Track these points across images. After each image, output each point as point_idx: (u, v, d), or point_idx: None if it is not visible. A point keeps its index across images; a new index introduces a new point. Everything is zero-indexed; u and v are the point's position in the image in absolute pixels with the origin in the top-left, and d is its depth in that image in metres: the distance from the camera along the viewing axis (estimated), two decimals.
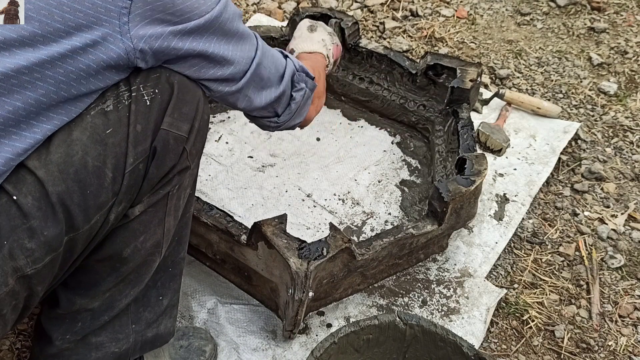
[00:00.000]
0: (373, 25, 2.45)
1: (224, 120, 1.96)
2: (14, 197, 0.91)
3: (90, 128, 0.98)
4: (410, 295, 1.57)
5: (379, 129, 1.97)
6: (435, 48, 2.35)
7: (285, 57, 1.30)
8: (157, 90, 1.03)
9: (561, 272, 1.68)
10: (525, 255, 1.70)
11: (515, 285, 1.63)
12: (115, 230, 1.06)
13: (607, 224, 1.79)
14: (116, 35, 0.96)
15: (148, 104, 1.02)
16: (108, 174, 0.98)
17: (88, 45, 0.94)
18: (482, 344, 1.49)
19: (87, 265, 1.10)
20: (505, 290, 1.59)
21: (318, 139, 1.93)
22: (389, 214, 1.73)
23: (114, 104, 1.00)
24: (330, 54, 1.57)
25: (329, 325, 1.49)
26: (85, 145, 0.97)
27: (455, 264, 1.64)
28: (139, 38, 0.98)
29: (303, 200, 1.74)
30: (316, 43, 1.56)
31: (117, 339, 1.18)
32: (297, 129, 1.44)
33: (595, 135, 2.06)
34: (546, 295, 1.61)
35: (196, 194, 1.47)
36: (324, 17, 1.95)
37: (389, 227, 1.69)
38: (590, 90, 2.22)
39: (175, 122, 1.04)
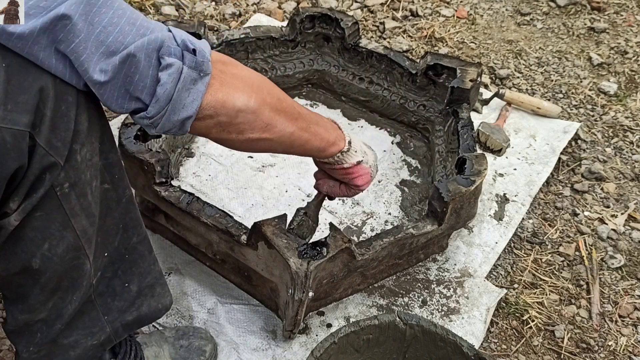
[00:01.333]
0: (373, 25, 2.45)
1: None
2: None
3: None
4: (410, 295, 1.57)
5: (379, 129, 1.97)
6: (435, 48, 2.35)
7: (169, 30, 0.93)
8: None
9: (561, 272, 1.68)
10: (525, 255, 1.70)
11: (515, 285, 1.63)
12: (9, 242, 0.96)
13: (607, 224, 1.79)
14: None
15: None
16: None
17: None
18: (482, 344, 1.49)
19: (8, 280, 1.03)
20: (505, 290, 1.59)
21: None
22: (389, 214, 1.73)
23: None
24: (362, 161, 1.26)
25: (329, 325, 1.49)
26: None
27: (455, 264, 1.64)
28: None
29: (303, 200, 1.74)
30: (367, 150, 1.30)
31: (92, 332, 1.13)
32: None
33: (595, 135, 2.06)
34: (546, 295, 1.61)
35: (196, 194, 1.48)
36: (324, 17, 1.95)
37: (389, 227, 1.69)
38: (590, 90, 2.22)
39: (8, 115, 0.84)
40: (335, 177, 1.31)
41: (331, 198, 1.43)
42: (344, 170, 1.25)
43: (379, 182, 1.81)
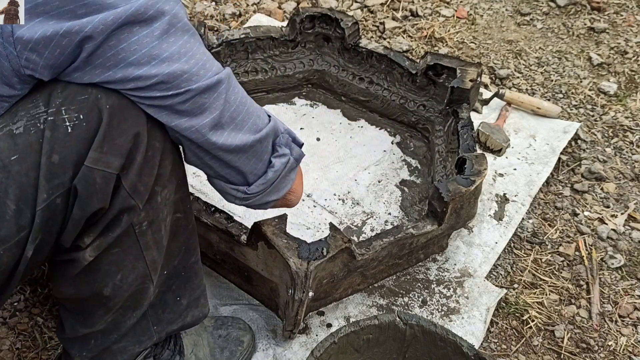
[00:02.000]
0: (373, 25, 2.45)
1: None
2: None
3: None
4: (410, 295, 1.57)
5: (379, 129, 1.97)
6: (435, 48, 2.35)
7: (269, 116, 1.06)
8: (81, 116, 0.86)
9: (561, 272, 1.68)
10: (525, 255, 1.70)
11: (515, 285, 1.63)
12: (83, 273, 0.99)
13: (607, 224, 1.79)
14: None
15: (69, 131, 0.86)
16: (10, 206, 0.85)
17: None
18: (482, 344, 1.49)
19: (75, 301, 1.07)
20: (505, 290, 1.59)
21: (318, 139, 1.93)
22: (389, 214, 1.73)
23: (26, 126, 0.86)
24: None
25: (329, 325, 1.49)
26: None
27: (455, 264, 1.64)
28: (24, 45, 0.81)
29: (303, 200, 1.74)
30: None
31: (140, 340, 1.17)
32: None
33: (595, 135, 2.06)
34: (546, 295, 1.61)
35: (196, 194, 1.48)
36: (324, 17, 1.95)
37: (389, 227, 1.69)
38: (590, 90, 2.22)
39: (104, 157, 0.87)
40: None
41: None
42: None
43: (379, 182, 1.81)
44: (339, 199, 1.76)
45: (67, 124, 0.86)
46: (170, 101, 0.90)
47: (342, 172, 1.83)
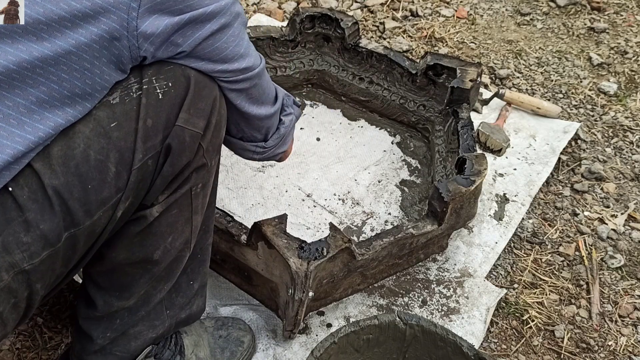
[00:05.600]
0: (373, 25, 2.45)
1: None
2: (10, 189, 0.88)
3: (93, 121, 0.94)
4: (410, 295, 1.57)
5: (379, 129, 1.97)
6: (435, 48, 2.35)
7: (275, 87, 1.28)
8: (170, 84, 0.99)
9: (561, 272, 1.68)
10: (525, 255, 1.70)
11: (515, 285, 1.63)
12: (142, 234, 1.05)
13: (607, 224, 1.79)
14: (122, 31, 0.92)
15: (160, 97, 0.98)
16: (111, 169, 0.94)
17: (94, 41, 0.90)
18: (482, 343, 1.49)
19: (119, 269, 1.10)
20: (505, 290, 1.59)
21: (318, 139, 1.93)
22: (389, 214, 1.73)
23: (121, 96, 0.96)
24: None
25: (329, 325, 1.49)
26: (88, 138, 0.93)
27: (455, 264, 1.64)
28: (145, 38, 0.94)
29: (303, 200, 1.74)
30: None
31: (154, 325, 1.21)
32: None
33: (595, 135, 2.06)
34: (546, 295, 1.61)
35: None
36: (324, 17, 1.95)
37: (389, 227, 1.69)
38: (590, 90, 2.22)
39: (191, 118, 1.01)
40: None
41: None
42: None
43: (379, 182, 1.81)
44: (339, 199, 1.76)
45: (158, 91, 0.98)
46: (241, 85, 1.10)
47: (342, 172, 1.83)
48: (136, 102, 0.96)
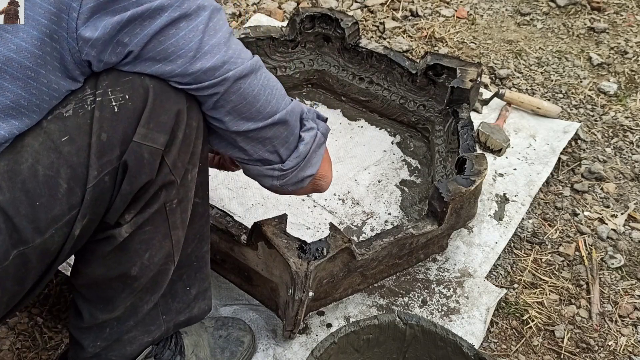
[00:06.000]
0: (373, 25, 2.45)
1: None
2: None
3: (44, 134, 0.88)
4: (410, 295, 1.57)
5: (379, 129, 1.97)
6: (435, 48, 2.35)
7: (291, 99, 1.13)
8: (127, 96, 0.91)
9: (561, 272, 1.68)
10: (525, 255, 1.70)
11: (515, 285, 1.63)
12: (114, 251, 1.02)
13: (607, 224, 1.79)
14: (62, 33, 0.85)
15: (116, 110, 0.90)
16: (62, 185, 0.89)
17: (35, 46, 0.84)
18: (482, 343, 1.49)
19: (100, 283, 1.08)
20: (505, 290, 1.59)
21: None
22: (389, 214, 1.73)
23: (75, 108, 0.90)
24: None
25: (329, 325, 1.49)
26: (37, 152, 0.87)
27: (455, 264, 1.64)
28: (85, 41, 0.86)
29: (303, 200, 1.74)
30: None
31: (149, 330, 1.19)
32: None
33: (595, 135, 2.06)
34: (546, 295, 1.61)
35: None
36: (324, 17, 1.95)
37: (389, 227, 1.69)
38: (590, 90, 2.22)
39: (149, 133, 0.92)
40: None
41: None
42: None
43: (379, 182, 1.81)
44: (339, 199, 1.76)
45: (114, 104, 0.91)
46: (210, 91, 0.97)
47: (342, 172, 1.83)
48: (89, 115, 0.90)
